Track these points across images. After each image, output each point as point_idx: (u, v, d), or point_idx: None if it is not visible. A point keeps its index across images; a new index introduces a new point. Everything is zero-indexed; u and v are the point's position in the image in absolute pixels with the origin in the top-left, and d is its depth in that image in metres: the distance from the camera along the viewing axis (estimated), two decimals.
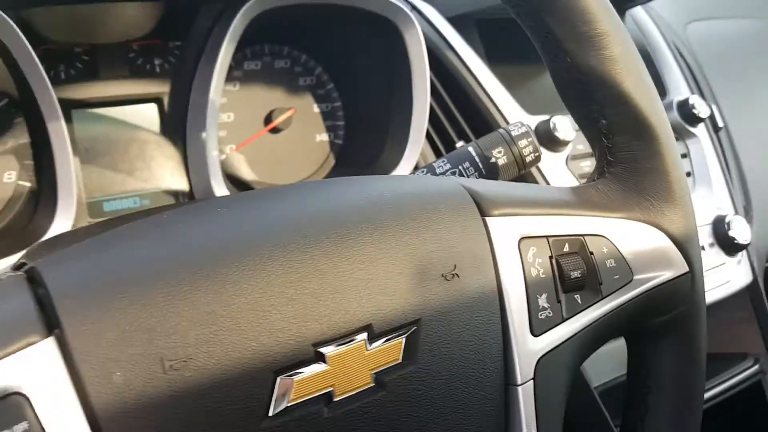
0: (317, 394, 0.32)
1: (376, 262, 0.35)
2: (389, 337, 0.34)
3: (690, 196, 0.44)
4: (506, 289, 0.38)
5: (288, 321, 0.31)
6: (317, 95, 0.74)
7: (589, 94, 0.42)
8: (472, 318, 0.37)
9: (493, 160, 0.56)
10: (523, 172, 0.58)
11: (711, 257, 0.82)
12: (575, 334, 0.41)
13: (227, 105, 0.69)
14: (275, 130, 0.71)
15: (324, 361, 0.32)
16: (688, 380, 0.45)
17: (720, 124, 0.96)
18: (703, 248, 0.82)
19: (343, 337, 0.33)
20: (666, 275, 0.43)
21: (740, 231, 0.83)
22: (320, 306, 0.32)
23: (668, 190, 0.43)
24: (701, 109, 0.90)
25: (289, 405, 0.31)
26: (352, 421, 0.33)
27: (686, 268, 0.44)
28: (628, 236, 0.43)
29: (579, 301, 0.41)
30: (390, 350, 0.34)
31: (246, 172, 0.70)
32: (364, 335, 0.33)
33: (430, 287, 0.36)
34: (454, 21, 0.84)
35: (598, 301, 0.41)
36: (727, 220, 0.84)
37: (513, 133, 0.56)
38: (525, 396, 0.38)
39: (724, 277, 0.82)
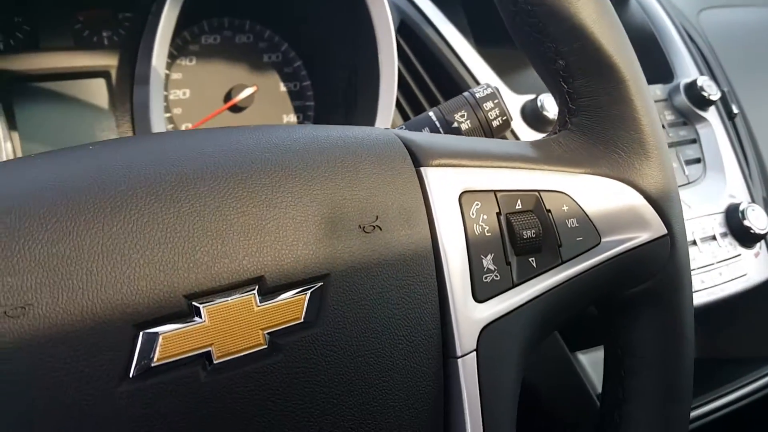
0: (191, 354, 0.26)
1: (275, 206, 0.29)
2: (287, 292, 0.28)
3: (666, 147, 0.38)
4: (444, 246, 0.32)
5: (154, 267, 0.26)
6: (284, 73, 0.69)
7: (541, 30, 0.36)
8: (399, 277, 0.31)
9: (455, 125, 0.50)
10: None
11: (724, 248, 0.74)
12: (529, 301, 0.34)
13: (182, 81, 0.65)
14: (236, 109, 0.66)
15: (200, 316, 0.27)
16: (673, 361, 0.37)
17: (735, 110, 0.89)
18: (714, 238, 0.74)
19: (226, 290, 0.27)
20: (640, 238, 0.37)
21: (757, 220, 0.75)
22: (197, 252, 0.27)
23: (640, 141, 0.37)
24: (711, 90, 0.82)
25: (154, 365, 0.26)
26: (238, 388, 0.27)
27: (664, 230, 0.37)
28: (593, 194, 0.36)
29: (534, 264, 0.35)
30: (289, 308, 0.28)
31: None
32: (253, 289, 0.28)
33: (344, 239, 0.30)
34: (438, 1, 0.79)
35: (557, 266, 0.35)
36: (741, 208, 0.76)
37: (477, 95, 0.50)
38: (466, 370, 0.32)
39: (739, 270, 0.74)
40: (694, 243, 0.72)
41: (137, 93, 0.59)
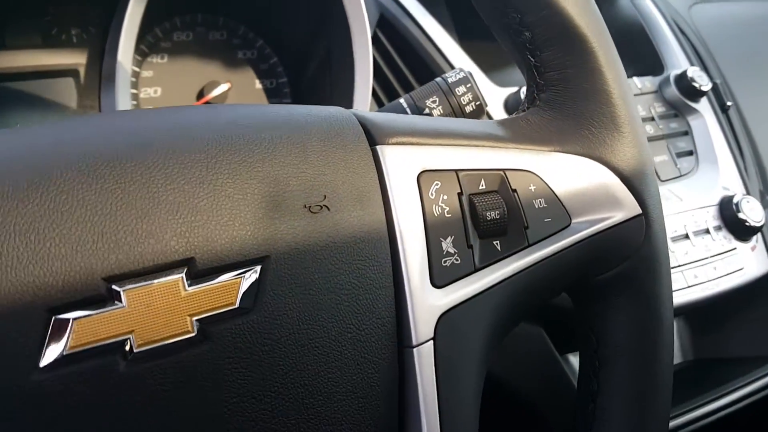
0: (108, 341, 0.24)
1: (209, 183, 0.27)
2: (221, 275, 0.27)
3: (640, 121, 0.36)
4: (400, 228, 0.30)
5: (71, 247, 0.24)
6: (259, 70, 0.68)
7: (505, 1, 0.35)
8: (349, 261, 0.29)
9: (426, 111, 0.48)
10: None
11: (718, 242, 0.72)
12: (492, 287, 0.32)
13: (153, 79, 0.63)
14: None
15: (120, 300, 0.25)
16: (650, 350, 0.35)
17: (728, 102, 0.87)
18: (707, 232, 0.72)
19: (151, 273, 0.25)
20: (613, 219, 0.35)
21: (752, 212, 0.73)
22: (119, 231, 0.25)
23: (611, 115, 0.35)
24: (702, 81, 0.80)
25: (68, 353, 0.24)
26: (162, 379, 0.25)
27: (638, 210, 0.35)
28: (562, 172, 0.34)
29: (498, 247, 0.33)
30: (221, 292, 0.26)
31: None
32: (180, 271, 0.26)
33: (287, 219, 0.28)
34: None
35: (523, 249, 0.33)
36: (735, 200, 0.73)
37: (449, 80, 0.49)
38: (422, 360, 0.30)
39: (735, 264, 0.71)
40: (687, 237, 0.70)
41: (104, 91, 0.57)
